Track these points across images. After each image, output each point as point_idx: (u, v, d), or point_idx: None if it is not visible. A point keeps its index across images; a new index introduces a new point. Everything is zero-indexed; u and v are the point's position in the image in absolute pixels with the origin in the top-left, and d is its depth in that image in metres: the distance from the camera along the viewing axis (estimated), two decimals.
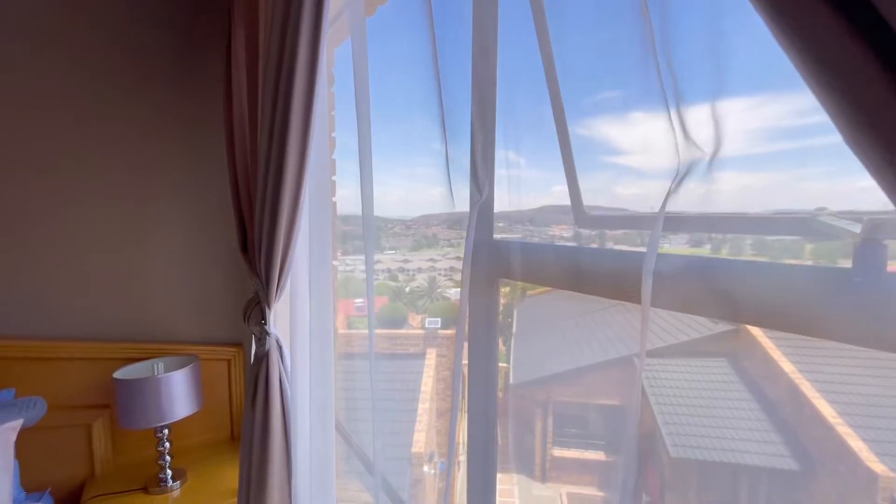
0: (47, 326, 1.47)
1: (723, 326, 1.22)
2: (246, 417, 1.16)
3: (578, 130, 0.86)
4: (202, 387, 1.55)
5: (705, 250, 0.87)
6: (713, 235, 0.84)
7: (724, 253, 0.85)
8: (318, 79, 0.80)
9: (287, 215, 0.93)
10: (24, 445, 1.23)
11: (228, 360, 1.74)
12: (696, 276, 0.55)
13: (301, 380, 1.09)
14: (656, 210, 0.55)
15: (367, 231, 1.12)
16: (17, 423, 1.16)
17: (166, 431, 1.49)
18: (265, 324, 1.08)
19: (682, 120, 0.53)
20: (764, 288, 0.48)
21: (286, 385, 1.12)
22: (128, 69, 1.51)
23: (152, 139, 1.58)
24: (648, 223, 0.76)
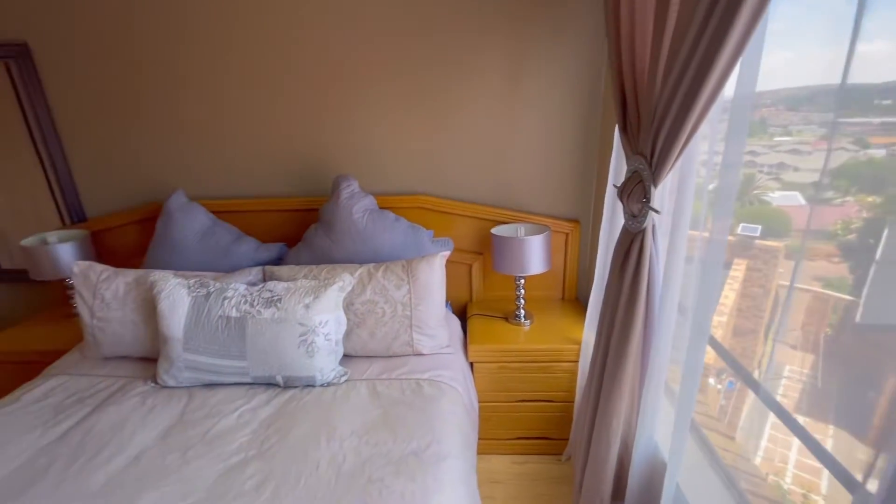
0: (450, 189, 2.00)
1: None
2: (611, 282, 1.33)
3: None
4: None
5: None
6: None
7: None
8: None
9: (708, 93, 0.89)
10: None
11: (566, 234, 1.99)
12: None
13: (674, 264, 1.14)
14: None
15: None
16: (447, 253, 1.70)
17: (522, 281, 1.89)
18: (647, 201, 1.15)
19: None
20: None
21: (655, 263, 1.20)
22: None
23: (522, 26, 1.75)
24: None
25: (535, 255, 1.77)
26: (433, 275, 1.63)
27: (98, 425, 1.32)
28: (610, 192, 1.57)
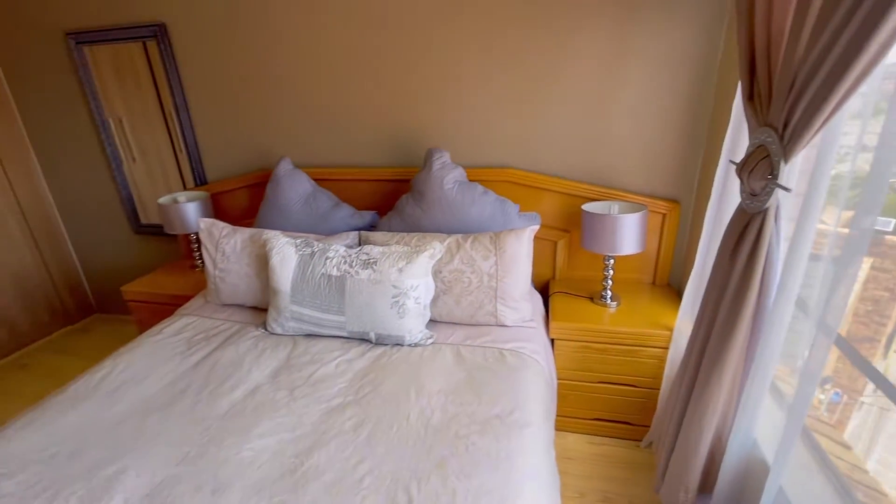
0: (539, 163, 1.97)
1: None
2: (718, 267, 1.24)
3: None
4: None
5: None
6: None
7: None
8: None
9: (871, 54, 0.78)
10: None
11: (663, 215, 1.88)
12: None
13: (796, 252, 1.04)
14: None
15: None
16: (536, 227, 1.69)
17: (611, 261, 1.82)
18: (773, 178, 1.05)
19: None
20: None
21: (774, 249, 1.10)
22: None
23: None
24: None
25: (628, 234, 1.69)
26: (521, 248, 1.63)
27: (221, 360, 1.52)
28: (721, 171, 1.44)
